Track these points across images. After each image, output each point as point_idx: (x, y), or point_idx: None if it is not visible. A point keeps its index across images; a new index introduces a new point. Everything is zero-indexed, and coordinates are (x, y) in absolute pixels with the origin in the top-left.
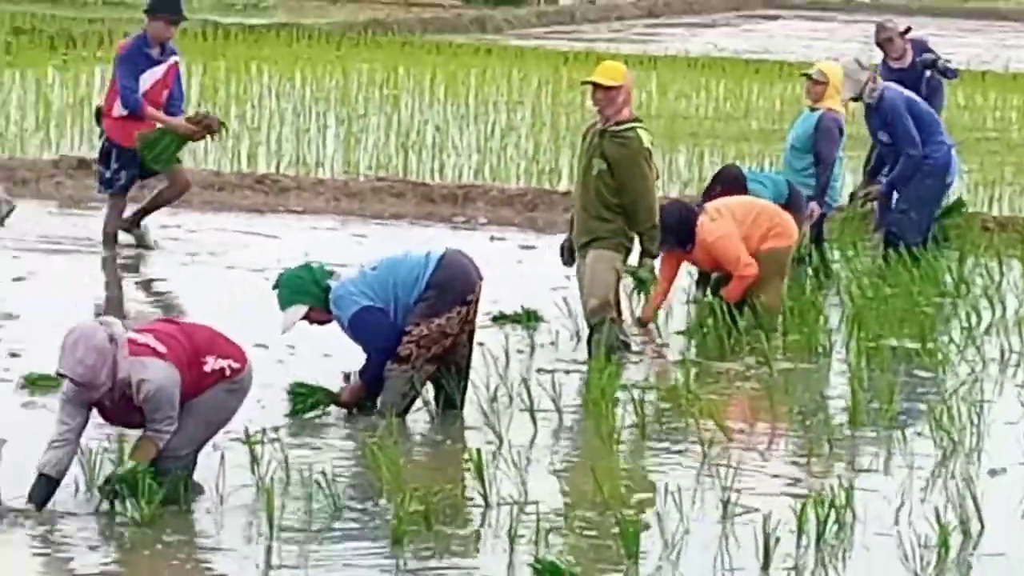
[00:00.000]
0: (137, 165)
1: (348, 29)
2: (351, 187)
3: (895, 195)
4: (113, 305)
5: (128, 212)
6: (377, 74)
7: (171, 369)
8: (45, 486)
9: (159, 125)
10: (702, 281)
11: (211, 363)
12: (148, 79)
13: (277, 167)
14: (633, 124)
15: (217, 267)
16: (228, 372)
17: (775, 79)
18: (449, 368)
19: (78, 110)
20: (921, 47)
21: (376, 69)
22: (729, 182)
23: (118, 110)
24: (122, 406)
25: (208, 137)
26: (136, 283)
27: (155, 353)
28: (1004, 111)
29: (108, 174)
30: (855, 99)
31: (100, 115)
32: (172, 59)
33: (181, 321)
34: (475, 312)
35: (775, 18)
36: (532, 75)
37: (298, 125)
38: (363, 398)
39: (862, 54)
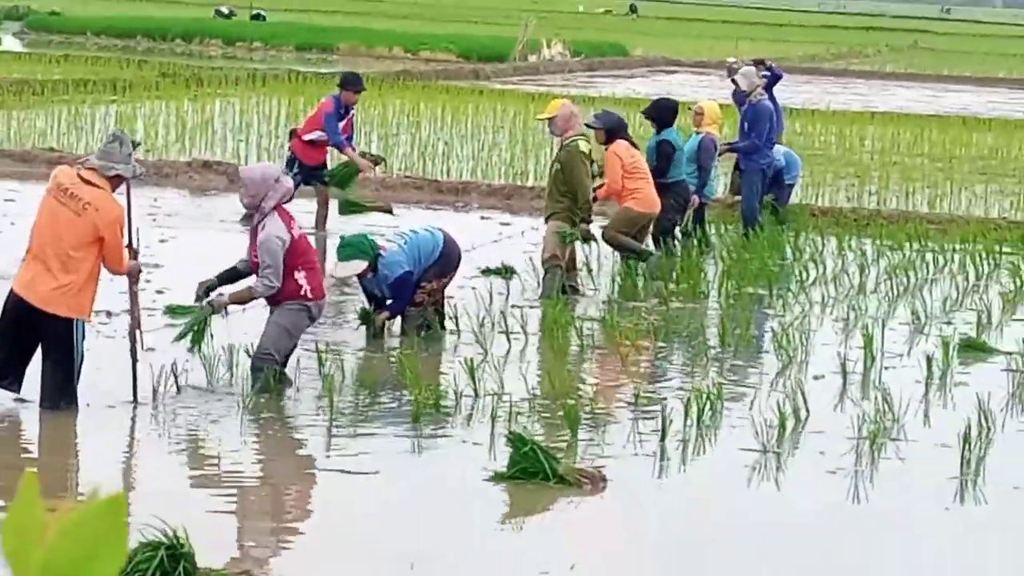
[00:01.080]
0: (305, 177)
1: (386, 76)
2: (387, 182)
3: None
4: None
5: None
6: (405, 106)
7: (286, 233)
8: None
9: (345, 158)
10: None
11: (300, 276)
12: (339, 127)
13: None
14: (575, 138)
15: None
16: (303, 293)
17: None
18: (436, 306)
19: (204, 128)
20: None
21: (405, 103)
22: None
23: (309, 136)
24: (253, 239)
25: (374, 168)
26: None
27: (289, 228)
28: (826, 136)
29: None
30: (746, 94)
31: (292, 135)
32: (351, 112)
33: (312, 247)
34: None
35: (674, 72)
36: (510, 108)
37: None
38: (382, 325)
39: (758, 72)
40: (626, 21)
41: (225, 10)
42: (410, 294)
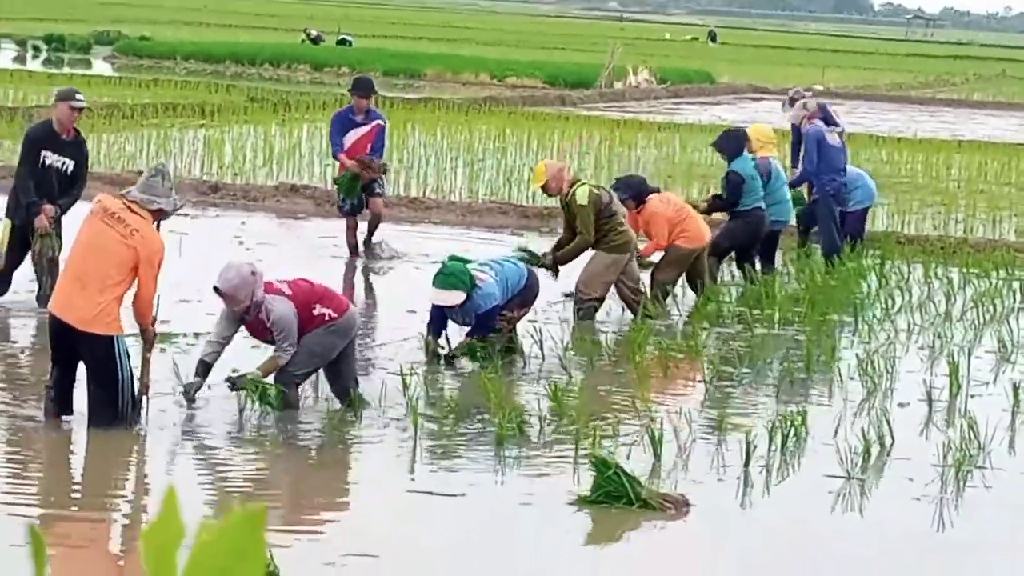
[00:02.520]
0: (350, 203)
1: (472, 102)
2: (473, 207)
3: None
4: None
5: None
6: (491, 132)
7: (290, 306)
8: (203, 368)
9: (349, 168)
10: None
11: (318, 309)
12: (352, 136)
13: (423, 192)
14: (572, 189)
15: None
16: (328, 318)
17: None
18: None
19: (291, 152)
20: (824, 110)
21: (490, 129)
22: (731, 136)
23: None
24: (259, 327)
25: (377, 175)
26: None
27: (282, 294)
28: (913, 164)
29: (339, 202)
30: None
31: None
32: (376, 122)
33: (312, 280)
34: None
35: (760, 99)
36: (596, 134)
37: (438, 165)
38: (462, 351)
39: (811, 102)
40: (712, 48)
41: (313, 33)
42: (491, 323)
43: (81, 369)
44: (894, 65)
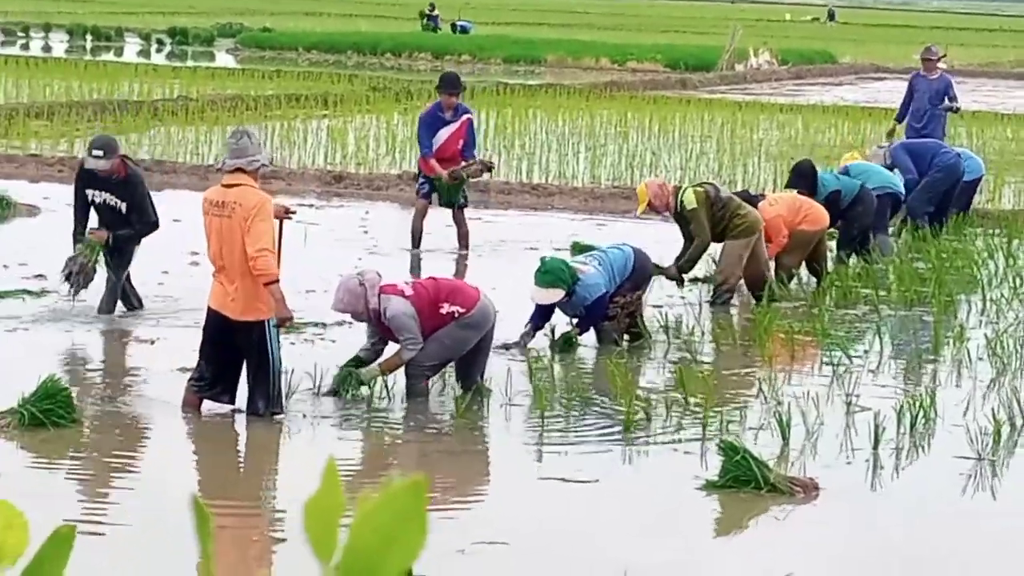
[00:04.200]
0: (432, 187)
1: (593, 88)
2: (595, 192)
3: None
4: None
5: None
6: (612, 117)
7: (407, 304)
8: (356, 362)
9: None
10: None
11: (446, 307)
12: (444, 134)
13: (546, 178)
14: (679, 198)
15: (514, 246)
16: (457, 315)
17: (881, 119)
18: (634, 319)
19: (413, 141)
20: (944, 84)
21: (612, 114)
22: (802, 173)
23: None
24: (386, 329)
25: (484, 172)
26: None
27: (401, 294)
28: None
29: (417, 185)
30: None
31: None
32: (464, 117)
33: (439, 277)
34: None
35: (883, 79)
36: (717, 117)
37: (560, 151)
38: (572, 338)
39: (880, 150)
40: (833, 28)
41: (427, 10)
42: (603, 311)
43: (229, 360)
44: (1018, 42)
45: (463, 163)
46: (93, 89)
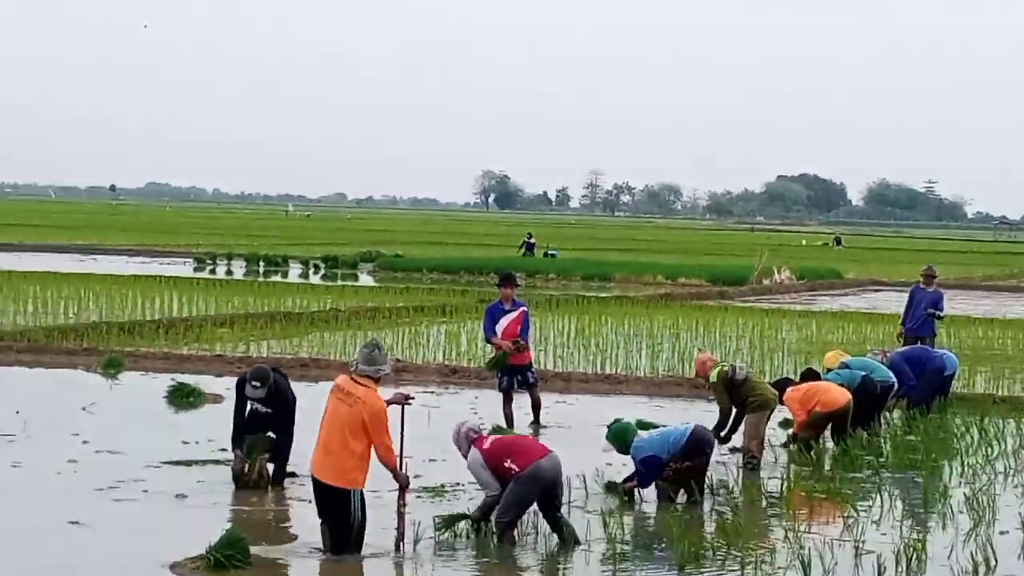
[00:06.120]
0: (509, 375)
1: (651, 298)
2: (654, 380)
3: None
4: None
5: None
6: (667, 321)
7: (479, 456)
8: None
9: (503, 348)
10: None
11: (507, 463)
12: (503, 322)
13: (615, 369)
14: (711, 372)
15: (585, 426)
16: (513, 472)
17: (879, 322)
18: (688, 482)
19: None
20: (937, 296)
21: (667, 319)
22: (809, 376)
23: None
24: None
25: (528, 356)
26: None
27: (480, 447)
28: (1003, 340)
29: (498, 381)
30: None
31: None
32: (520, 309)
33: (521, 436)
34: (708, 460)
35: (879, 290)
36: (749, 321)
37: (626, 348)
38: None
39: (875, 355)
40: (839, 251)
41: (531, 241)
42: (657, 471)
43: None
44: (986, 261)
45: (515, 341)
46: (265, 303)
